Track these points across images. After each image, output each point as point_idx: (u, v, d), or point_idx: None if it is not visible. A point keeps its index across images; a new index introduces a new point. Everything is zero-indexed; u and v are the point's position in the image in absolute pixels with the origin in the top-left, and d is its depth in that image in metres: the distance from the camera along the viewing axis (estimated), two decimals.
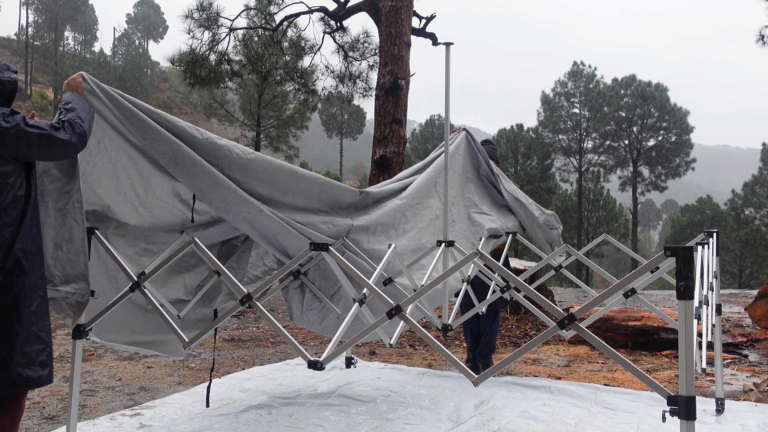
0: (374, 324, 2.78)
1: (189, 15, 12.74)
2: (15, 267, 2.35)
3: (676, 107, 36.74)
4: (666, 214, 79.96)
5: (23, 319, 2.36)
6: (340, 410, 3.99)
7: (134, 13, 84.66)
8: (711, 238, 3.70)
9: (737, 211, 34.78)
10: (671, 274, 4.34)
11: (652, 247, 69.91)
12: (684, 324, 2.15)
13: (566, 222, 36.04)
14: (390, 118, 8.61)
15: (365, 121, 67.64)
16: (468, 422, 3.75)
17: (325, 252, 2.94)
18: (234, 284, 2.90)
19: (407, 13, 9.03)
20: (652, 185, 38.48)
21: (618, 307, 6.74)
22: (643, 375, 2.24)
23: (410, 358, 6.15)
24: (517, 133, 38.22)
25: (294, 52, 14.16)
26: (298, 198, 3.31)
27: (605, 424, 3.72)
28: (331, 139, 73.83)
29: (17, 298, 2.35)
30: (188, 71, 13.06)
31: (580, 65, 39.22)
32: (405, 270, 3.59)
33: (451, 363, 2.54)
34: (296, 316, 4.25)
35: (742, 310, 9.39)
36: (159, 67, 76.74)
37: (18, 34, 64.10)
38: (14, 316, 2.34)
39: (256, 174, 3.09)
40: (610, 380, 5.11)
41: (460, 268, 2.84)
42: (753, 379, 5.19)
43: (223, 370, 5.42)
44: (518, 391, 4.48)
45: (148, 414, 3.88)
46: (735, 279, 33.66)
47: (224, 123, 24.94)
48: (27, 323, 2.37)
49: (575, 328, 2.37)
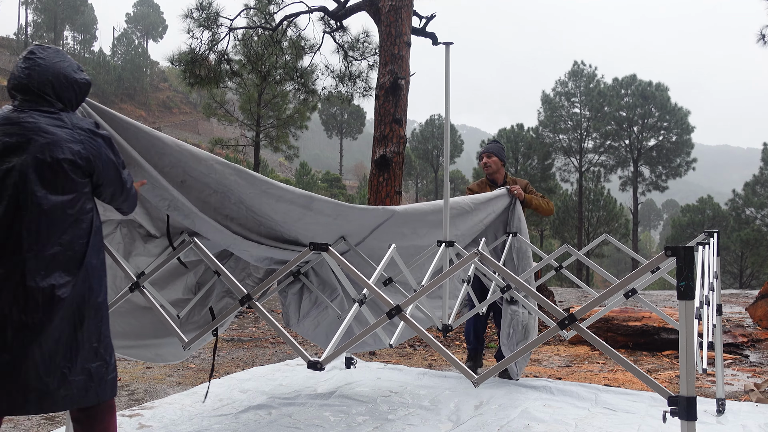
0: (374, 324, 2.77)
1: (188, 14, 12.71)
2: (85, 280, 2.27)
3: (676, 107, 36.73)
4: (666, 214, 79.99)
5: (85, 334, 2.27)
6: (340, 411, 3.98)
7: (133, 12, 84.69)
8: (712, 238, 3.68)
9: (738, 211, 34.77)
10: (672, 275, 4.32)
11: (653, 247, 69.93)
12: (685, 324, 2.15)
13: (567, 222, 36.06)
14: (390, 118, 8.59)
15: (365, 120, 67.69)
16: (468, 423, 3.74)
17: (324, 252, 2.94)
18: (233, 284, 2.90)
19: (407, 12, 9.02)
20: (653, 185, 38.47)
21: (618, 307, 6.73)
22: (644, 375, 2.23)
23: (410, 358, 6.14)
24: (517, 133, 38.23)
25: (294, 52, 14.13)
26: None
27: (606, 424, 3.71)
28: (331, 139, 73.92)
29: (82, 312, 2.25)
30: (188, 71, 13.03)
31: (580, 65, 39.22)
32: (405, 270, 3.58)
33: (452, 363, 2.53)
34: (293, 322, 4.26)
35: (743, 310, 9.38)
36: (158, 66, 76.75)
37: (17, 33, 64.11)
38: (78, 329, 2.24)
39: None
40: (611, 381, 5.10)
41: (460, 268, 2.84)
42: (754, 379, 5.18)
43: (222, 370, 5.42)
44: (518, 391, 4.47)
45: (147, 414, 3.87)
46: (736, 279, 33.66)
47: (224, 123, 24.94)
48: (88, 339, 2.28)
49: (576, 328, 2.36)
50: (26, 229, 2.15)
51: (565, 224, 36.06)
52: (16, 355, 2.12)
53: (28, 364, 2.13)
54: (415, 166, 51.05)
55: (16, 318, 2.12)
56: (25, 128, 2.20)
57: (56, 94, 2.30)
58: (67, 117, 2.28)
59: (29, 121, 2.21)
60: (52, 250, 2.18)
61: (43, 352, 2.15)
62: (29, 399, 2.15)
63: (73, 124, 2.27)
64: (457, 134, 51.96)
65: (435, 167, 50.87)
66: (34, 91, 2.26)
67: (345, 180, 67.75)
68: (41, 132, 2.20)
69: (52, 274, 2.17)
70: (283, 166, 67.67)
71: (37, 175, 2.17)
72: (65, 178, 2.22)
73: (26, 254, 2.14)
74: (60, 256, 2.20)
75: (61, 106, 2.30)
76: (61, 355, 2.19)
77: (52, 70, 2.30)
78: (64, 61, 2.36)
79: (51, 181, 2.19)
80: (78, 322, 2.24)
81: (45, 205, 2.18)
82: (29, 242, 2.15)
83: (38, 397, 2.16)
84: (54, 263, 2.18)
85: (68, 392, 2.21)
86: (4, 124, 2.22)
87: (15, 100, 2.29)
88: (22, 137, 2.19)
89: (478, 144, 45.78)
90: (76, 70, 2.40)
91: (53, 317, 2.16)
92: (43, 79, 2.27)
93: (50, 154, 2.19)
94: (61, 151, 2.21)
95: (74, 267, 2.23)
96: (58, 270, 2.19)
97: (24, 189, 2.16)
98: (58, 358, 2.18)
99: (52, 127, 2.22)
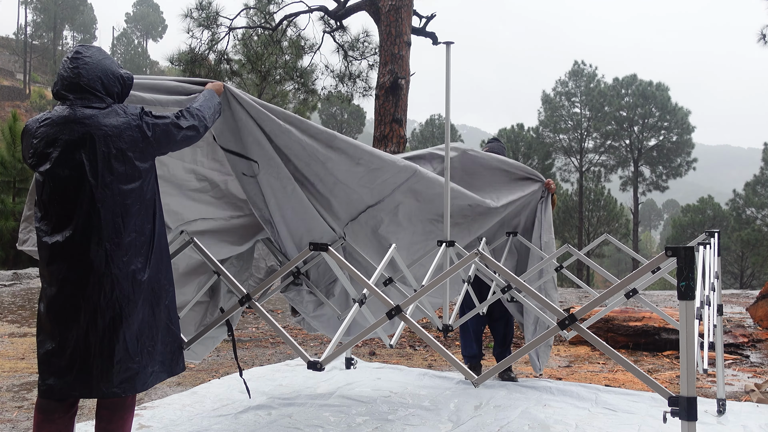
0: (374, 324, 2.77)
1: (188, 14, 12.71)
2: (156, 262, 2.44)
3: (677, 107, 36.68)
4: (667, 214, 79.93)
5: (162, 314, 2.49)
6: (340, 411, 3.97)
7: (133, 12, 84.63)
8: (712, 238, 3.68)
9: (738, 211, 34.71)
10: (672, 275, 4.31)
11: (653, 247, 69.88)
12: (685, 324, 2.14)
13: (567, 222, 36.02)
14: (390, 118, 8.59)
15: (365, 120, 67.56)
16: (468, 423, 3.73)
17: (324, 252, 2.93)
18: (233, 284, 2.89)
19: (407, 12, 9.01)
20: (653, 185, 38.42)
21: (619, 307, 6.72)
22: (644, 376, 2.23)
23: (410, 358, 6.13)
24: (517, 133, 38.18)
25: (293, 52, 14.12)
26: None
27: (606, 425, 3.71)
28: None
29: (157, 293, 2.45)
30: (187, 70, 13.02)
31: (580, 64, 39.18)
32: (405, 270, 3.57)
33: (452, 364, 2.53)
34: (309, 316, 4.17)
35: (744, 310, 9.37)
36: (158, 66, 76.63)
37: (16, 33, 64.11)
38: (156, 310, 2.45)
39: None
40: (611, 381, 5.09)
41: (460, 269, 2.83)
42: (754, 379, 5.17)
43: (222, 370, 5.41)
44: (519, 391, 4.46)
45: (147, 415, 3.86)
46: (736, 279, 33.61)
47: None
48: (164, 318, 2.51)
49: (576, 328, 2.35)
50: (104, 219, 2.29)
51: (565, 224, 36.01)
52: (109, 339, 2.28)
53: (120, 347, 2.30)
54: None
55: (104, 305, 2.28)
56: (85, 124, 2.30)
57: (105, 89, 2.41)
58: (119, 108, 2.40)
59: (87, 116, 2.31)
60: (129, 237, 2.34)
61: (132, 334, 2.34)
62: (124, 379, 2.32)
63: (126, 112, 2.39)
64: (457, 134, 51.91)
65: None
66: (85, 89, 2.37)
67: None
68: (101, 126, 2.31)
69: (132, 260, 2.34)
70: None
71: (106, 167, 2.29)
72: (132, 167, 2.35)
73: (107, 244, 2.29)
74: (136, 242, 2.36)
75: (111, 101, 2.41)
76: (146, 335, 2.40)
77: (99, 67, 2.41)
78: (108, 59, 2.49)
79: (120, 172, 2.32)
80: (155, 303, 2.45)
81: (118, 195, 2.32)
82: (109, 232, 2.29)
83: (131, 376, 2.34)
84: (132, 249, 2.35)
85: (154, 368, 2.44)
86: (63, 122, 2.31)
87: (66, 100, 2.38)
88: (85, 133, 2.29)
89: (478, 144, 45.73)
90: (119, 66, 2.54)
91: (137, 300, 2.35)
92: (93, 76, 2.39)
93: (114, 146, 2.31)
94: (123, 141, 2.33)
95: (147, 251, 2.41)
96: (136, 256, 2.36)
97: (96, 182, 2.27)
98: (143, 338, 2.39)
99: (109, 119, 2.33)
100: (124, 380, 2.32)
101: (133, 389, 2.36)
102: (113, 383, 2.30)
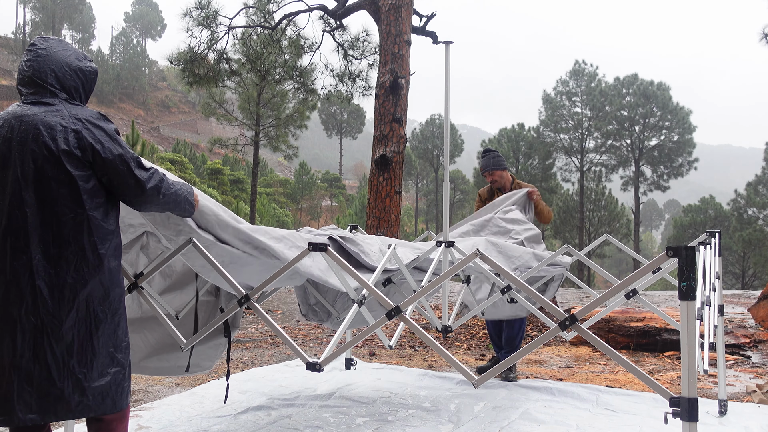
0: (374, 325, 2.75)
1: (187, 13, 12.70)
2: (99, 281, 2.20)
3: (678, 106, 36.65)
4: (668, 214, 79.95)
5: (102, 339, 2.20)
6: (340, 412, 3.96)
7: (132, 11, 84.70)
8: (713, 239, 3.66)
9: (740, 211, 34.66)
10: (673, 275, 4.31)
11: (654, 247, 69.90)
12: (686, 325, 2.13)
13: (568, 222, 36.01)
14: (390, 117, 8.57)
15: (365, 120, 67.67)
16: (468, 424, 3.72)
17: (323, 252, 2.91)
18: (232, 284, 2.87)
19: (407, 11, 9.00)
20: (654, 185, 38.40)
21: (620, 308, 6.71)
22: (645, 376, 2.21)
23: (410, 359, 6.12)
24: (518, 133, 38.17)
25: (293, 51, 14.12)
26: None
27: (607, 425, 3.69)
28: (331, 139, 73.93)
29: (98, 316, 2.19)
30: (187, 70, 13.03)
31: (581, 64, 39.15)
32: (405, 270, 3.56)
33: (452, 364, 2.51)
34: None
35: (745, 311, 9.35)
36: (157, 65, 76.85)
37: (15, 32, 64.14)
38: (94, 334, 2.17)
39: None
40: (612, 382, 5.08)
41: (460, 269, 2.81)
42: (756, 380, 5.16)
43: (221, 371, 5.39)
44: (519, 392, 4.45)
45: (146, 416, 3.85)
46: (738, 279, 33.60)
47: (223, 122, 24.89)
48: (105, 344, 2.21)
49: (577, 329, 2.34)
50: (31, 226, 2.08)
51: (566, 224, 36.01)
52: (27, 358, 2.06)
53: (41, 367, 2.06)
54: (415, 165, 51.04)
55: (25, 319, 2.06)
56: (24, 121, 2.15)
57: (60, 83, 2.24)
58: (65, 107, 2.20)
59: (28, 114, 2.16)
60: (60, 248, 2.10)
61: (55, 355, 2.08)
62: (43, 405, 2.07)
63: (70, 114, 2.18)
64: (457, 134, 51.89)
65: (435, 167, 50.84)
66: (37, 83, 2.22)
67: (345, 180, 67.78)
68: (39, 124, 2.14)
69: (61, 273, 2.10)
70: (282, 165, 67.72)
71: (37, 169, 2.11)
72: (65, 172, 2.12)
73: (33, 252, 2.07)
74: (69, 254, 2.11)
75: (65, 96, 2.24)
76: (75, 359, 2.11)
77: (53, 60, 2.25)
78: (67, 50, 2.31)
79: (53, 176, 2.11)
80: (94, 326, 2.16)
81: (48, 201, 2.10)
82: (36, 240, 2.08)
83: (52, 402, 2.07)
84: (62, 261, 2.10)
85: (83, 399, 2.13)
86: (9, 119, 2.17)
87: (21, 96, 2.25)
88: (22, 131, 2.14)
89: (478, 143, 45.76)
90: (81, 58, 2.35)
91: (63, 318, 2.09)
92: (45, 69, 2.22)
93: (48, 147, 2.11)
94: (57, 143, 2.12)
95: (84, 266, 2.14)
96: (66, 268, 2.11)
97: (26, 185, 2.10)
98: (72, 363, 2.11)
99: (49, 117, 2.15)
100: (43, 406, 2.06)
101: (54, 417, 2.09)
102: (31, 408, 2.05)
